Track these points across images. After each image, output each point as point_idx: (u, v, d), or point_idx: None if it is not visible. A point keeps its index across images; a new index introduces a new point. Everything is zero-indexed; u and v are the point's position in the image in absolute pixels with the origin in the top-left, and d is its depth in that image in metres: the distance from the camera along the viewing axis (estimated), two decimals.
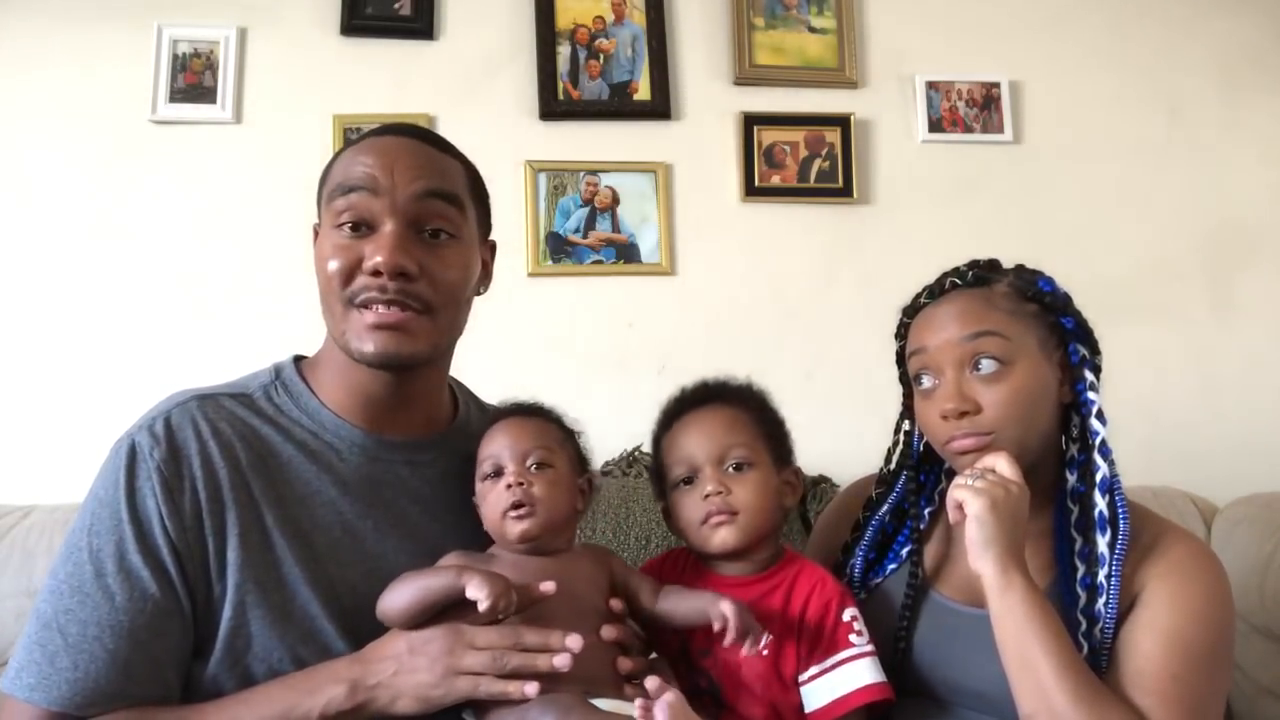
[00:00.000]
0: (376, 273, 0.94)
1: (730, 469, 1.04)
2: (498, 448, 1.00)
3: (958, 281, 1.08)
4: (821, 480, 1.79)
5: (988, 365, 1.01)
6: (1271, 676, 1.61)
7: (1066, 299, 1.08)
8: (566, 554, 1.02)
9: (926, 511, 1.16)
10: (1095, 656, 0.97)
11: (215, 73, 2.07)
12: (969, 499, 0.96)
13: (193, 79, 2.07)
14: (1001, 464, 0.98)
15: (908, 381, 1.13)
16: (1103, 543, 0.99)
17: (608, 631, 0.96)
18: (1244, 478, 1.83)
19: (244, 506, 0.95)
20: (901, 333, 1.14)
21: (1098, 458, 1.02)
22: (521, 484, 0.97)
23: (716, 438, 1.05)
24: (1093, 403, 1.03)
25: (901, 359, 1.14)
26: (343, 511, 0.99)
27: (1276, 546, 1.60)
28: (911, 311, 1.12)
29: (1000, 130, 2.24)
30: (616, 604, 1.00)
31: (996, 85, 2.25)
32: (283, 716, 0.88)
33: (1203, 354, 2.21)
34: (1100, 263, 2.19)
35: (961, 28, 2.29)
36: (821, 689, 0.98)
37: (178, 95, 2.06)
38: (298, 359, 1.08)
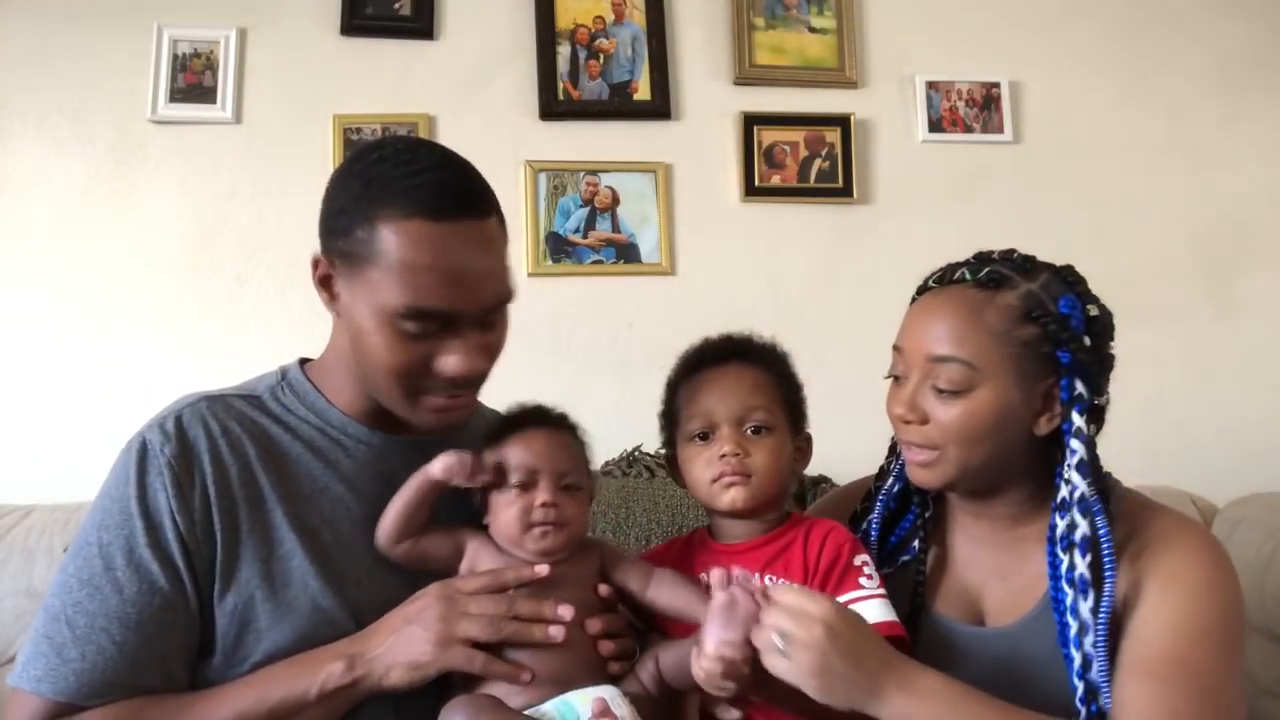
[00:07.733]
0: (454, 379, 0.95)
1: (749, 431, 1.03)
2: (531, 459, 0.98)
3: (967, 276, 1.00)
4: (821, 481, 1.78)
5: (945, 385, 0.98)
6: (1272, 676, 1.61)
7: (1079, 329, 0.98)
8: None
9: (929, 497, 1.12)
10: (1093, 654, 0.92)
11: (215, 73, 2.07)
12: (790, 672, 0.83)
13: (193, 79, 2.07)
14: (789, 598, 0.86)
15: None
16: (1085, 607, 0.92)
17: (593, 625, 0.96)
18: (1244, 478, 1.84)
19: (253, 503, 0.96)
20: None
21: (1077, 477, 0.95)
22: (556, 505, 0.97)
23: (740, 398, 1.03)
24: (1074, 452, 0.95)
25: None
26: (350, 507, 1.00)
27: (1277, 547, 1.61)
28: (920, 291, 1.07)
29: (1000, 130, 2.24)
30: (605, 590, 1.00)
31: (996, 85, 2.25)
32: (285, 694, 0.89)
33: (1202, 354, 2.21)
34: (1100, 263, 2.12)
35: (961, 28, 2.29)
36: None
37: (178, 95, 2.06)
38: (303, 361, 1.09)
